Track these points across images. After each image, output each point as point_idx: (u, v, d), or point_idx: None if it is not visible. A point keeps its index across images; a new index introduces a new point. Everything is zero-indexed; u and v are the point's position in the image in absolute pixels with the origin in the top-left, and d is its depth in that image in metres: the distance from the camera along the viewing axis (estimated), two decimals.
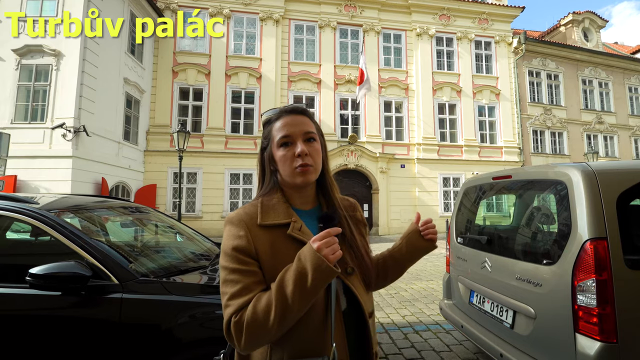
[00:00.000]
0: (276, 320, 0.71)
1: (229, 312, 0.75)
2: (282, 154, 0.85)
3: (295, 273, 0.72)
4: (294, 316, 0.73)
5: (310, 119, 0.90)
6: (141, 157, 12.50)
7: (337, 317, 0.81)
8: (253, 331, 0.72)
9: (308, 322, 0.78)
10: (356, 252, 0.89)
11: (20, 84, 9.09)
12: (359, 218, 0.98)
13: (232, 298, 0.76)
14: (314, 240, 0.73)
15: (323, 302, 0.81)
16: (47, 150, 8.77)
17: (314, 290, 0.71)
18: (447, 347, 3.16)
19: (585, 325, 1.59)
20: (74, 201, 2.31)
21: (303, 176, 0.83)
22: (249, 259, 0.79)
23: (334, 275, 0.72)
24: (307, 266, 0.71)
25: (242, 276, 0.77)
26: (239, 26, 13.92)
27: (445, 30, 15.34)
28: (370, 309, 0.89)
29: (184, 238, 2.77)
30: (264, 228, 0.82)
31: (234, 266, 0.78)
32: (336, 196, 0.93)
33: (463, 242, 2.84)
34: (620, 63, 17.67)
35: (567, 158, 15.98)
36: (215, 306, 1.62)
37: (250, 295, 0.75)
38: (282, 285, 0.73)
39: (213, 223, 12.58)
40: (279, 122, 0.87)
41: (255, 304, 0.73)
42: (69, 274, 1.54)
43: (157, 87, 13.10)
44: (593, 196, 1.69)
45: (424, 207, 14.16)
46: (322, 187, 0.93)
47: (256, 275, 0.78)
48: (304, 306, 0.73)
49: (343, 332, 0.82)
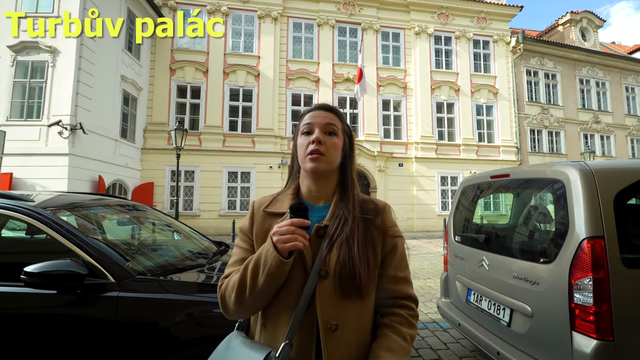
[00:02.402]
0: (234, 296, 0.79)
1: (222, 277, 0.87)
2: (301, 142, 0.88)
3: (255, 256, 0.78)
4: (250, 298, 0.77)
5: (339, 117, 0.91)
6: (138, 155, 12.45)
7: (306, 318, 0.78)
8: (222, 300, 0.83)
9: (279, 313, 0.81)
10: (346, 254, 0.79)
11: (15, 80, 9.01)
12: (377, 224, 0.87)
13: (228, 267, 0.88)
14: (275, 227, 0.77)
15: (295, 298, 0.79)
16: (44, 147, 8.71)
17: (266, 276, 0.75)
18: (444, 345, 3.17)
19: (582, 323, 1.60)
20: (70, 199, 2.29)
21: (312, 162, 0.84)
22: (246, 238, 0.91)
23: (281, 263, 0.74)
24: (262, 252, 0.77)
25: (238, 250, 0.90)
26: (237, 24, 13.86)
27: (443, 29, 15.35)
28: (332, 321, 0.78)
29: (181, 236, 2.75)
30: (266, 214, 0.90)
31: (237, 242, 0.92)
32: (352, 194, 0.88)
33: (461, 241, 2.85)
34: (618, 63, 17.74)
35: (564, 157, 16.05)
36: (212, 304, 1.61)
37: (237, 268, 0.84)
38: (246, 266, 0.79)
39: (211, 221, 12.56)
40: (308, 115, 0.91)
41: (231, 277, 0.83)
42: (65, 272, 1.52)
43: (155, 84, 13.03)
44: (590, 195, 1.69)
45: (422, 205, 14.20)
46: (343, 184, 0.92)
47: (248, 253, 0.88)
48: (258, 291, 0.76)
49: (311, 335, 0.78)
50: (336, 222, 0.84)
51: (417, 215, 14.06)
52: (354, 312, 0.80)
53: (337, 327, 0.78)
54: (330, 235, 0.82)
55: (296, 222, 0.74)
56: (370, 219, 0.87)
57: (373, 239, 0.85)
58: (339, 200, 0.89)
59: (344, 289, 0.78)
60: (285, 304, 0.80)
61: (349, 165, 0.92)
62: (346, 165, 0.91)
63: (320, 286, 0.79)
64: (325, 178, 0.88)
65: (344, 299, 0.79)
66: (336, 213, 0.86)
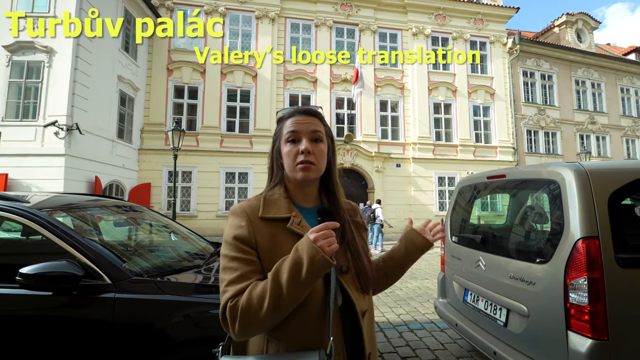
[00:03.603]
0: (270, 308, 0.72)
1: (225, 297, 0.76)
2: (288, 150, 0.88)
3: (292, 262, 0.73)
4: (287, 306, 0.74)
5: (321, 121, 0.92)
6: (135, 155, 12.39)
7: (334, 312, 0.82)
8: (247, 317, 0.73)
9: (306, 315, 0.79)
10: (354, 253, 0.90)
11: (11, 80, 8.95)
12: (359, 222, 1.00)
13: (230, 284, 0.78)
14: (311, 232, 0.74)
15: (322, 296, 0.82)
16: (39, 148, 8.65)
17: (309, 280, 0.73)
18: (441, 346, 3.18)
19: (577, 323, 1.61)
20: (66, 200, 2.28)
21: (303, 172, 0.86)
22: (248, 248, 0.82)
23: (329, 266, 0.73)
24: (304, 256, 0.72)
25: (241, 264, 0.80)
26: (234, 24, 13.84)
27: (440, 30, 15.40)
28: (363, 308, 0.88)
29: (178, 237, 2.75)
30: (265, 221, 0.85)
31: (234, 254, 0.81)
32: (340, 198, 0.95)
33: (458, 241, 2.86)
34: (613, 64, 17.87)
35: (560, 158, 16.15)
36: (209, 305, 1.61)
37: (248, 282, 0.77)
38: (277, 274, 0.74)
39: (208, 222, 12.52)
40: (290, 120, 0.90)
41: (251, 291, 0.75)
42: (60, 274, 1.51)
43: (152, 85, 12.98)
44: (585, 195, 1.70)
45: (419, 206, 14.23)
46: (327, 188, 0.95)
47: (254, 264, 0.81)
48: (298, 296, 0.74)
49: (340, 327, 0.83)
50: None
51: (414, 215, 14.08)
52: (369, 298, 0.93)
53: (365, 313, 0.89)
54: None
55: (331, 226, 0.75)
56: (354, 219, 0.98)
57: (361, 235, 0.97)
58: (330, 202, 0.94)
59: (360, 283, 0.89)
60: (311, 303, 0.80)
61: (333, 169, 0.95)
62: (330, 169, 0.93)
63: (344, 280, 0.86)
64: (312, 183, 0.92)
65: (362, 291, 0.89)
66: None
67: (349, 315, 0.86)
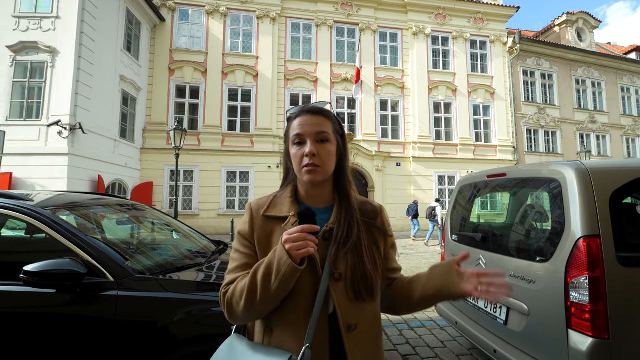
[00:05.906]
0: (244, 303, 0.77)
1: (223, 283, 0.84)
2: (294, 152, 0.87)
3: (266, 263, 0.76)
4: (261, 304, 0.76)
5: (329, 119, 0.89)
6: (138, 154, 12.43)
7: (320, 320, 0.79)
8: (230, 307, 0.80)
9: (291, 317, 0.79)
10: (356, 258, 0.83)
11: (15, 80, 8.99)
12: (378, 225, 0.92)
13: (229, 273, 0.86)
14: (285, 234, 0.74)
15: (309, 301, 0.79)
16: (43, 147, 8.69)
17: (278, 283, 0.73)
18: (441, 344, 3.19)
19: (578, 321, 1.61)
20: (69, 199, 2.29)
21: (309, 175, 0.84)
22: (247, 242, 0.87)
23: (295, 270, 0.72)
24: (275, 259, 0.74)
25: (239, 256, 0.87)
26: (235, 24, 13.85)
27: (441, 30, 15.39)
28: (352, 320, 0.81)
29: (180, 236, 2.76)
30: (267, 219, 0.88)
31: (236, 247, 0.88)
32: (352, 196, 0.90)
33: (458, 240, 2.86)
34: (613, 63, 17.83)
35: (560, 157, 16.12)
36: (211, 303, 1.62)
37: (241, 274, 0.83)
38: (255, 272, 0.77)
39: (210, 221, 12.55)
40: (296, 121, 0.88)
41: (237, 283, 0.80)
42: (64, 272, 1.53)
43: (154, 84, 13.01)
44: (586, 194, 1.70)
45: (419, 205, 14.20)
46: (339, 186, 0.91)
47: (251, 258, 0.85)
48: (272, 297, 0.75)
49: (326, 337, 0.79)
50: (342, 226, 0.85)
51: None
52: (368, 311, 0.85)
53: (357, 327, 0.82)
54: (337, 239, 0.84)
55: (307, 229, 0.73)
56: (371, 221, 0.92)
57: (376, 240, 0.91)
58: (340, 203, 0.90)
59: (356, 291, 0.82)
60: (296, 306, 0.79)
61: (345, 166, 0.91)
62: (342, 167, 0.91)
63: (334, 288, 0.81)
64: (323, 183, 0.89)
65: (357, 300, 0.82)
66: (340, 217, 0.87)
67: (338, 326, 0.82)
